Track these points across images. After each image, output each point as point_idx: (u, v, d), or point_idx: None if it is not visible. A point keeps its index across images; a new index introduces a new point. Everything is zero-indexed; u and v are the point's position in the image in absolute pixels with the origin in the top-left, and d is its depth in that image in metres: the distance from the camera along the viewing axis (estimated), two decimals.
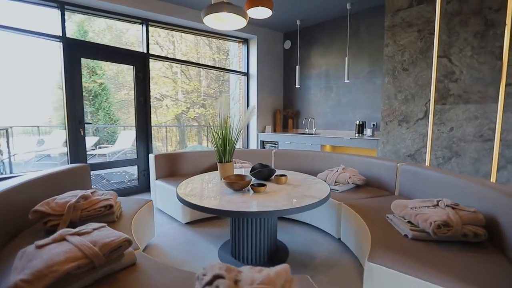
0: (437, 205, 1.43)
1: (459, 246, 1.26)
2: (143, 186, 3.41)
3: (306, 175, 2.25)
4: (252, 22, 4.25)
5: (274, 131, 4.80)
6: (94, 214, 1.49)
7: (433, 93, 2.63)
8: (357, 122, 3.82)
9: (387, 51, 2.93)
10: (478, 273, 1.05)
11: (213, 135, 1.97)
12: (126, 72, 7.82)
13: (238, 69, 4.65)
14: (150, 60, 3.34)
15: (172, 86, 8.23)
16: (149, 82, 3.32)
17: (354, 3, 3.58)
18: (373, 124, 3.81)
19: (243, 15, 1.70)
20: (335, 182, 2.22)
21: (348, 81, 3.75)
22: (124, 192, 3.23)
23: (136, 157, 3.35)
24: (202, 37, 8.35)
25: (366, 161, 2.42)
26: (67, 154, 2.84)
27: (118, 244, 1.02)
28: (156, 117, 8.38)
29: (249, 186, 1.66)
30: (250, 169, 2.61)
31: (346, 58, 3.70)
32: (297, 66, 4.29)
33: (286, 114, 4.85)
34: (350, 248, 1.87)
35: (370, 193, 2.15)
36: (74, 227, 1.41)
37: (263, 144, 4.66)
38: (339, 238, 2.03)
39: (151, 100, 3.35)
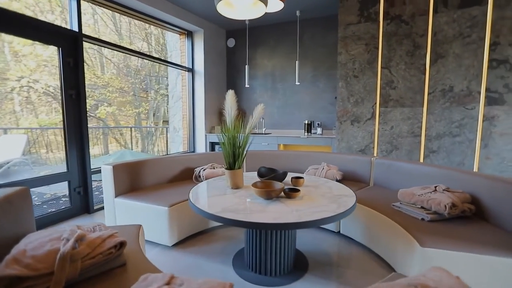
0: (435, 190, 1.74)
1: (460, 221, 1.57)
2: (78, 208, 2.59)
3: (307, 175, 2.27)
4: (198, 14, 3.91)
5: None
6: (102, 261, 1.03)
7: (378, 97, 3.17)
8: (306, 122, 4.14)
9: (341, 59, 3.31)
10: (487, 238, 1.34)
11: (222, 138, 1.72)
12: None
13: (180, 64, 4.18)
14: (78, 42, 2.54)
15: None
16: (83, 71, 2.54)
17: (303, 11, 3.85)
18: (318, 124, 4.23)
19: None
20: (324, 178, 2.34)
21: (298, 83, 4.01)
22: (48, 220, 2.36)
23: (66, 170, 2.50)
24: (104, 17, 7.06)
25: (341, 158, 2.66)
26: None
27: None
28: (36, 116, 6.53)
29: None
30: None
31: (297, 62, 3.94)
32: (246, 66, 4.25)
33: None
34: (354, 239, 2.03)
35: (352, 187, 2.38)
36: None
37: (212, 146, 4.38)
38: (339, 231, 2.16)
39: (38, 93, 2.55)
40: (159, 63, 3.88)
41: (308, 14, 3.95)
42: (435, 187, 1.75)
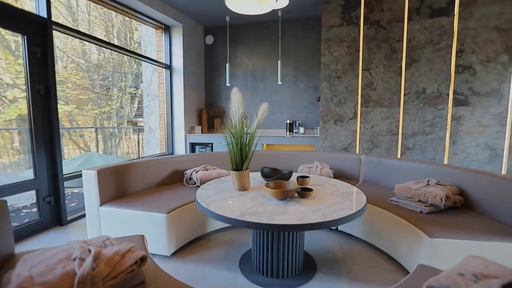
0: (428, 184, 1.86)
1: (452, 212, 1.71)
2: (48, 220, 2.26)
3: (307, 174, 2.28)
4: (176, 7, 3.71)
5: (201, 132, 4.43)
6: (123, 281, 0.89)
7: (360, 98, 3.33)
8: (288, 121, 4.18)
9: (324, 60, 3.41)
10: (480, 226, 1.48)
11: (230, 138, 1.63)
12: None
13: (157, 60, 3.92)
14: (47, 30, 2.23)
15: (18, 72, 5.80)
16: (53, 63, 2.23)
17: (285, 11, 3.88)
18: (299, 123, 4.31)
19: None
20: (324, 177, 2.38)
21: (281, 83, 4.03)
22: (14, 236, 2.01)
23: (34, 178, 2.16)
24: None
25: (331, 156, 2.73)
26: None
27: None
28: None
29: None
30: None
31: (279, 61, 3.96)
32: (226, 64, 4.15)
33: (213, 114, 4.58)
34: (353, 235, 2.09)
35: None
36: None
37: (193, 147, 4.20)
38: (336, 228, 2.21)
39: None
40: (136, 58, 3.59)
41: (289, 14, 4.00)
42: (428, 181, 1.88)
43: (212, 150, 4.08)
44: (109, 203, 1.89)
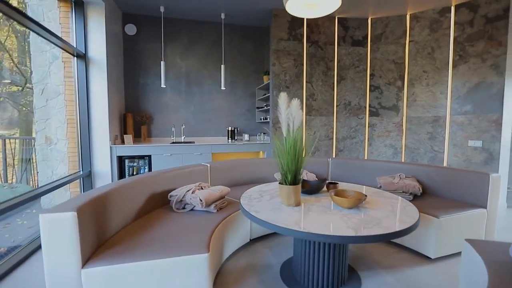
0: (400, 178, 2.35)
1: (419, 198, 2.24)
2: None
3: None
4: None
5: (132, 141, 3.52)
6: None
7: (304, 107, 3.70)
8: (230, 129, 4.05)
9: (274, 69, 3.56)
10: (442, 204, 2.04)
11: (283, 149, 1.44)
12: None
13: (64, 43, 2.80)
14: None
15: None
16: None
17: (229, 15, 3.76)
18: (237, 130, 4.26)
19: None
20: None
21: (224, 88, 3.85)
22: None
23: None
24: None
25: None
26: None
27: None
28: None
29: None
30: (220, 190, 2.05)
31: (222, 66, 3.78)
32: (162, 62, 3.53)
33: (140, 120, 3.74)
34: None
35: None
36: None
37: (120, 161, 3.25)
38: None
39: None
40: (28, 28, 2.43)
41: (231, 19, 3.90)
42: (399, 175, 2.37)
43: (150, 164, 3.33)
44: (95, 260, 1.21)
